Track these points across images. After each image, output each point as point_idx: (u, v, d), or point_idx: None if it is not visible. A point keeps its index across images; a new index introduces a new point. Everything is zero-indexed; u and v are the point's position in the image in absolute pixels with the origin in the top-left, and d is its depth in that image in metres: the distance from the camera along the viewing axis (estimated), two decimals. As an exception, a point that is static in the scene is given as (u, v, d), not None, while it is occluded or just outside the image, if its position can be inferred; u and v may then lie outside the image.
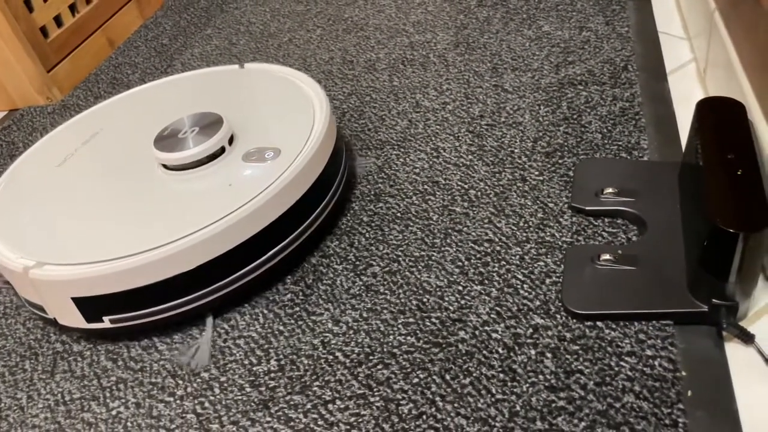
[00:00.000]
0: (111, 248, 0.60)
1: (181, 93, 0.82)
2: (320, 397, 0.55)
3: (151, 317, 0.61)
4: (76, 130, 0.79)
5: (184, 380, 0.59)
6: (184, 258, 0.59)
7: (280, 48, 1.09)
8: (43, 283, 0.60)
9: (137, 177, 0.69)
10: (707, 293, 0.53)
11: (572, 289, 0.58)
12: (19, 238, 0.64)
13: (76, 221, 0.65)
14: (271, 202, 0.61)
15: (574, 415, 0.49)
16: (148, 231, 0.61)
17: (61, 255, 0.61)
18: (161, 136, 0.69)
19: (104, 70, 1.14)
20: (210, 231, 0.59)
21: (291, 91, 0.77)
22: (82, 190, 0.69)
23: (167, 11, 1.30)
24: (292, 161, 0.64)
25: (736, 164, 0.54)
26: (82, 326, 0.62)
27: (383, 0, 1.16)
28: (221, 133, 0.67)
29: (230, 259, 0.61)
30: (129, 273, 0.58)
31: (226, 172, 0.66)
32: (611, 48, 0.89)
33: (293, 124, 0.70)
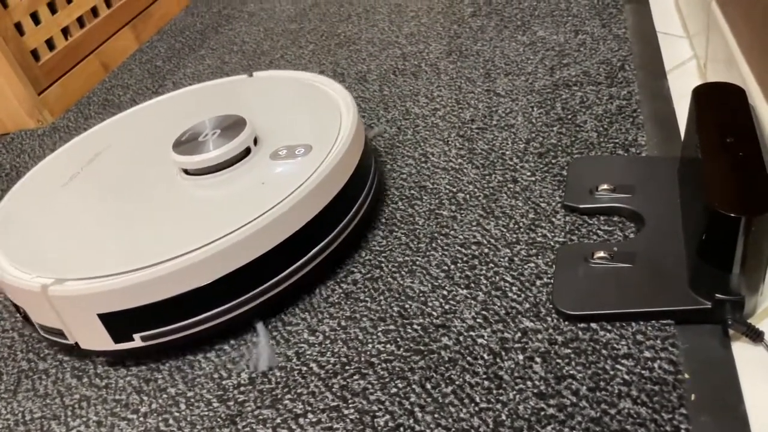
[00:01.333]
0: (138, 257, 0.54)
1: (191, 104, 0.78)
2: (291, 411, 0.51)
3: (186, 331, 0.56)
4: (83, 147, 0.76)
5: (150, 396, 0.55)
6: (224, 260, 0.54)
7: (271, 64, 1.07)
8: (65, 300, 0.54)
9: (155, 185, 0.64)
10: (710, 288, 0.48)
11: (564, 289, 0.53)
12: (31, 257, 0.59)
13: (94, 235, 0.60)
14: (312, 195, 0.57)
15: (565, 423, 0.45)
16: (177, 236, 0.56)
17: (82, 269, 0.55)
18: (180, 141, 0.65)
19: (96, 93, 1.13)
20: (251, 228, 0.54)
21: (309, 91, 0.73)
22: (98, 204, 0.64)
23: (163, 35, 1.29)
24: (327, 153, 0.60)
25: (736, 148, 0.50)
26: (109, 348, 0.56)
27: (377, 15, 1.14)
28: (245, 132, 0.63)
29: (274, 258, 0.56)
30: (162, 281, 0.53)
31: (256, 172, 0.61)
32: (607, 49, 0.86)
33: (319, 121, 0.66)
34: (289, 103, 0.72)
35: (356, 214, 0.62)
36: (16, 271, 0.58)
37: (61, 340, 0.58)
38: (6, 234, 0.64)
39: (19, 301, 0.59)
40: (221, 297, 0.55)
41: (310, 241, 0.58)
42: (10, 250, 0.61)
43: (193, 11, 1.37)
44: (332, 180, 0.59)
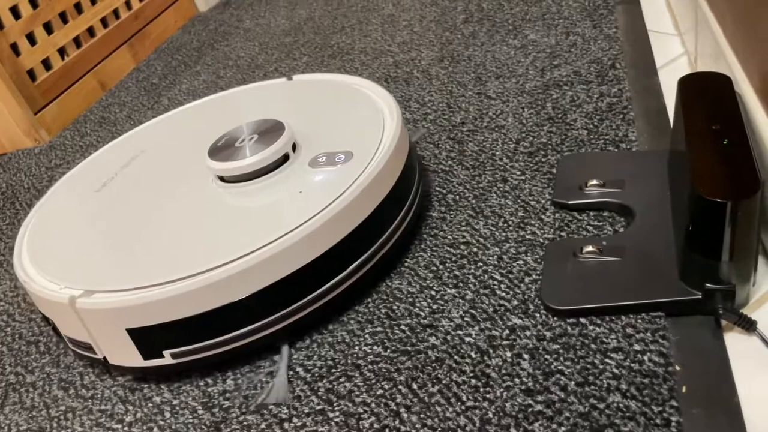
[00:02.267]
0: (170, 269, 0.51)
1: (228, 109, 0.76)
2: (276, 416, 0.50)
3: (219, 348, 0.52)
4: (119, 151, 0.73)
5: (135, 405, 0.54)
6: (261, 273, 0.50)
7: (265, 77, 1.07)
8: (93, 313, 0.51)
9: (189, 193, 0.61)
10: (700, 278, 0.47)
11: (552, 285, 0.52)
12: (61, 266, 0.56)
13: (126, 244, 0.57)
14: (353, 205, 0.53)
15: (553, 419, 0.43)
16: (212, 248, 0.52)
17: (112, 281, 0.52)
18: (216, 147, 0.62)
19: (93, 111, 1.13)
20: (291, 239, 0.50)
21: (351, 95, 0.70)
22: (130, 211, 0.61)
23: (160, 54, 1.30)
24: (368, 161, 0.57)
25: (722, 134, 0.49)
26: (138, 364, 0.53)
27: (369, 26, 1.15)
28: (284, 138, 0.60)
29: (315, 270, 0.53)
30: (195, 295, 0.50)
31: (293, 179, 0.58)
32: (598, 48, 0.86)
33: (361, 126, 0.63)
34: (329, 107, 0.69)
35: (399, 226, 0.58)
36: (46, 282, 0.55)
37: (89, 354, 0.55)
38: (37, 242, 0.61)
39: (48, 312, 0.56)
40: (256, 313, 0.52)
41: (348, 255, 0.54)
42: (40, 260, 0.58)
43: (189, 29, 1.39)
44: (374, 190, 0.55)
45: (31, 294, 0.56)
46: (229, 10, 1.44)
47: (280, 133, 0.60)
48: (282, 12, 1.34)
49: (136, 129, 0.78)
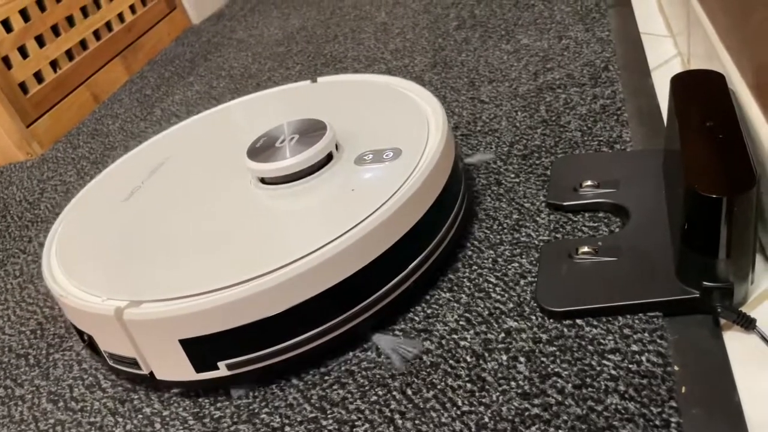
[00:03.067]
0: (221, 275, 0.48)
1: (253, 113, 0.74)
2: (268, 425, 0.49)
3: (277, 357, 0.49)
4: (141, 160, 0.71)
5: (124, 417, 0.53)
6: (326, 274, 0.48)
7: (258, 86, 1.07)
8: (142, 325, 0.49)
9: (229, 197, 0.59)
10: (697, 276, 0.46)
11: (548, 287, 0.51)
12: (100, 277, 0.53)
13: (167, 252, 0.54)
14: (413, 200, 0.51)
15: (550, 422, 0.42)
16: (266, 251, 0.50)
17: (160, 290, 0.49)
18: (255, 148, 0.59)
19: (86, 123, 1.13)
20: (355, 235, 0.48)
21: (384, 93, 0.68)
22: (166, 218, 0.59)
23: (153, 65, 1.30)
24: (420, 155, 0.55)
25: (716, 131, 0.48)
26: (188, 378, 0.50)
27: (363, 34, 1.15)
28: (328, 136, 0.57)
29: (378, 270, 0.50)
30: (255, 300, 0.47)
31: (341, 178, 0.56)
32: (591, 51, 0.85)
33: (402, 123, 0.61)
34: (364, 106, 0.67)
35: (455, 221, 0.56)
36: (84, 294, 0.52)
37: (133, 370, 0.52)
38: (68, 253, 0.58)
39: (85, 326, 0.53)
40: (315, 318, 0.49)
41: (411, 251, 0.52)
42: (74, 271, 0.55)
43: (183, 41, 1.38)
44: (432, 183, 0.53)
45: (68, 308, 0.53)
46: (223, 21, 1.44)
47: (322, 131, 0.58)
48: (275, 22, 1.34)
49: (156, 137, 0.75)
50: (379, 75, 0.73)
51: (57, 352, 0.63)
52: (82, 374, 0.59)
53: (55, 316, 0.68)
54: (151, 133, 1.02)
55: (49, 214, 0.88)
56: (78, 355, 0.62)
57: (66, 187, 0.93)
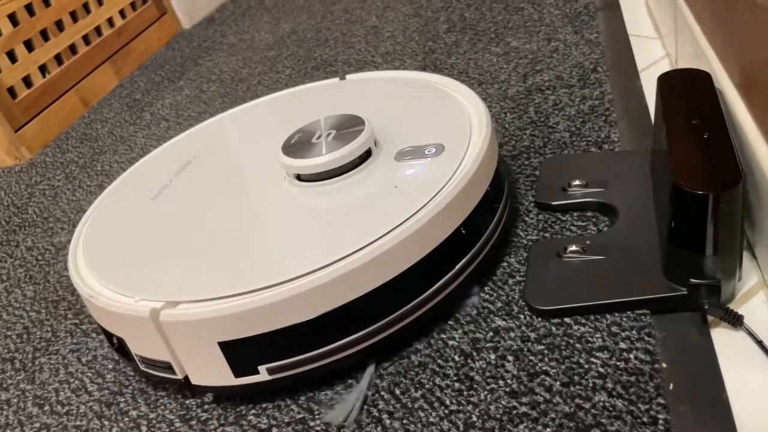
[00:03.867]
0: (263, 275, 0.46)
1: (281, 111, 0.72)
2: (255, 426, 0.48)
3: (321, 361, 0.47)
4: (167, 158, 0.69)
5: (111, 420, 0.53)
6: (371, 273, 0.45)
7: (248, 90, 1.07)
8: (179, 326, 0.46)
9: (264, 194, 0.57)
10: (684, 273, 0.46)
11: (536, 285, 0.51)
12: (131, 277, 0.51)
13: (202, 252, 0.52)
14: (462, 195, 0.49)
15: (538, 420, 0.42)
16: (307, 250, 0.48)
17: (197, 290, 0.47)
18: (290, 144, 0.57)
19: (75, 128, 1.12)
20: (405, 232, 0.46)
21: (422, 90, 0.66)
22: (198, 217, 0.57)
23: (143, 70, 1.30)
24: (465, 150, 0.53)
25: (702, 129, 0.48)
26: (226, 383, 0.48)
27: (353, 37, 1.15)
28: (366, 132, 0.55)
29: (429, 267, 0.48)
30: (300, 300, 0.45)
31: (381, 175, 0.54)
32: (580, 53, 0.85)
33: (442, 119, 0.59)
34: (398, 102, 0.65)
35: (501, 217, 0.55)
36: (115, 294, 0.50)
37: (166, 374, 0.50)
38: (95, 253, 0.56)
39: (115, 329, 0.51)
40: (362, 320, 0.47)
41: (461, 247, 0.50)
42: (104, 271, 0.53)
43: (173, 46, 1.38)
44: (480, 178, 0.52)
45: (97, 310, 0.51)
46: (213, 26, 1.44)
47: (360, 127, 0.56)
48: (266, 27, 1.34)
49: (180, 136, 0.74)
50: (410, 71, 0.71)
51: (43, 356, 0.62)
52: (68, 378, 0.59)
53: (41, 320, 0.67)
54: (141, 138, 1.01)
55: (36, 219, 0.87)
56: (64, 359, 0.61)
57: (54, 191, 0.93)
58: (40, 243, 0.81)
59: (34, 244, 0.81)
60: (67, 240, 0.80)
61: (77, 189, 0.92)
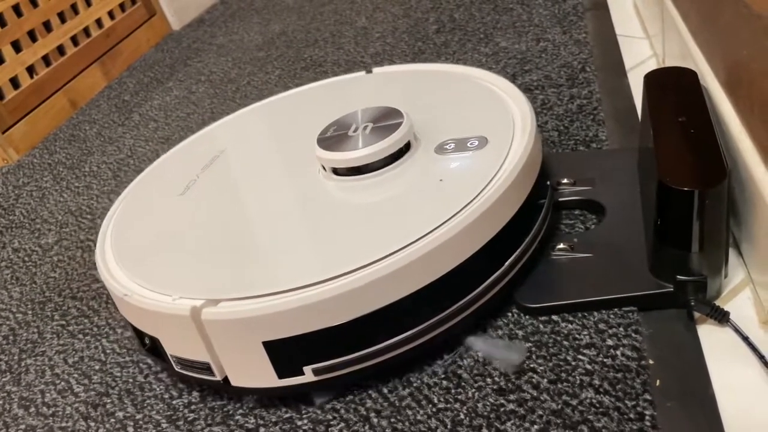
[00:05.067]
0: (308, 272, 0.44)
1: (308, 104, 0.70)
2: (242, 426, 0.48)
3: (368, 361, 0.45)
4: (191, 153, 0.67)
5: (97, 422, 0.52)
6: (428, 266, 0.44)
7: (237, 91, 1.07)
8: (222, 325, 0.44)
9: (299, 189, 0.55)
10: (671, 270, 0.46)
11: (524, 283, 0.51)
12: (166, 274, 0.50)
13: (240, 248, 0.50)
14: (513, 187, 0.47)
15: (525, 418, 0.42)
16: (352, 246, 0.46)
17: (240, 287, 0.45)
18: (325, 137, 0.55)
19: (63, 129, 1.12)
20: (458, 226, 0.44)
21: (455, 82, 0.64)
22: (232, 212, 0.55)
23: (132, 71, 1.29)
24: (509, 144, 0.51)
25: (688, 125, 0.48)
26: (269, 384, 0.46)
27: (342, 38, 1.15)
28: (406, 124, 0.53)
29: (481, 262, 0.46)
30: (348, 298, 0.43)
31: (422, 168, 0.52)
32: (568, 53, 0.86)
33: (481, 111, 0.57)
34: (432, 95, 0.63)
35: (548, 210, 0.53)
36: (151, 293, 0.48)
37: (204, 376, 0.48)
38: (126, 251, 0.54)
39: (150, 328, 0.49)
40: (411, 318, 0.45)
41: (512, 241, 0.49)
42: (137, 269, 0.51)
43: (162, 47, 1.38)
44: (529, 170, 0.50)
45: (131, 309, 0.49)
46: (203, 27, 1.43)
47: (398, 120, 0.54)
48: (255, 28, 1.33)
49: (201, 132, 0.72)
50: (438, 63, 0.69)
51: (29, 357, 0.62)
52: (54, 379, 0.58)
53: (28, 322, 0.67)
54: (129, 139, 1.01)
55: (24, 220, 0.86)
56: (50, 360, 0.61)
57: (42, 192, 0.92)
58: (26, 244, 0.81)
59: (21, 245, 0.81)
60: (54, 241, 0.80)
61: (65, 190, 0.91)
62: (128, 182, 0.88)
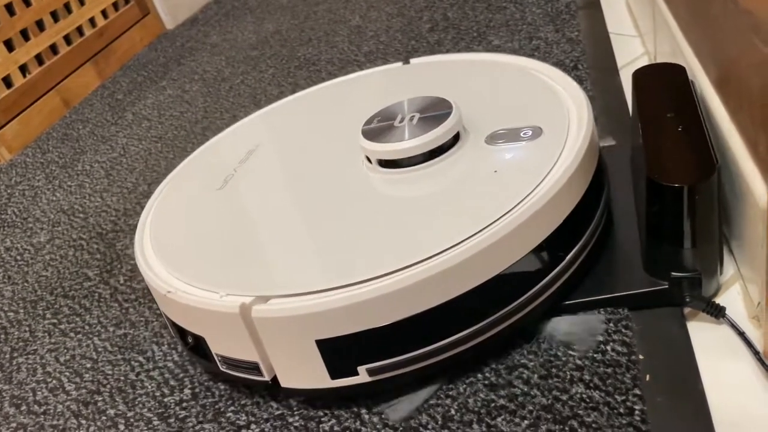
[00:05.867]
0: (362, 267, 0.43)
1: (346, 95, 0.68)
2: (234, 423, 0.48)
3: (426, 361, 0.44)
4: (227, 147, 0.66)
5: (88, 420, 0.52)
6: (485, 263, 0.42)
7: (231, 90, 1.06)
8: (275, 323, 0.43)
9: (345, 182, 0.53)
10: (665, 267, 0.46)
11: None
12: (212, 270, 0.48)
13: (286, 243, 0.48)
14: (575, 177, 0.46)
15: (516, 413, 0.42)
16: (407, 240, 0.44)
17: (291, 284, 0.44)
18: (370, 129, 0.53)
19: (56, 128, 1.12)
20: (516, 219, 0.42)
21: (500, 71, 0.62)
22: (275, 208, 0.53)
23: (126, 70, 1.29)
24: (565, 134, 0.49)
25: (676, 121, 0.49)
26: (321, 385, 0.45)
27: (336, 37, 1.15)
28: (455, 114, 0.51)
29: (543, 255, 0.45)
30: (406, 294, 0.41)
31: (473, 159, 0.50)
32: (561, 51, 0.86)
33: (532, 100, 0.55)
34: (476, 84, 0.61)
35: (607, 202, 0.52)
36: (196, 290, 0.46)
37: (251, 376, 0.46)
38: (167, 247, 0.53)
39: (195, 326, 0.47)
40: (474, 315, 0.43)
41: (574, 234, 0.47)
42: (180, 265, 0.50)
43: (156, 46, 1.38)
44: (589, 159, 0.48)
45: (175, 306, 0.48)
46: (197, 26, 1.43)
47: (447, 109, 0.52)
48: (249, 27, 1.33)
49: (235, 126, 0.70)
50: (481, 53, 0.67)
51: (21, 356, 0.62)
52: (45, 377, 0.58)
53: (20, 320, 0.67)
54: (123, 137, 1.01)
55: (16, 219, 0.86)
56: (42, 358, 0.61)
57: (34, 191, 0.92)
58: (19, 243, 0.81)
59: (13, 244, 0.81)
60: (46, 240, 0.80)
61: (57, 189, 0.91)
62: (121, 181, 0.88)
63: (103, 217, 0.81)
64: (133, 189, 0.85)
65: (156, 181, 0.86)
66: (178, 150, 0.92)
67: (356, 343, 0.43)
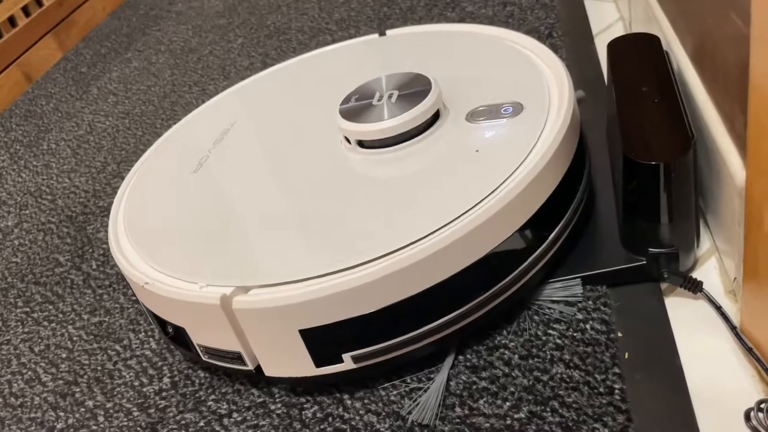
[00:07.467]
0: (345, 255, 0.42)
1: (320, 70, 0.65)
2: (215, 412, 0.48)
3: (411, 345, 0.43)
4: (200, 128, 0.63)
5: (66, 411, 0.51)
6: (471, 244, 0.41)
7: (199, 61, 1.03)
8: (256, 314, 0.42)
9: (324, 165, 0.51)
10: (642, 243, 0.46)
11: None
12: (191, 260, 0.46)
13: (265, 230, 0.47)
14: (558, 155, 0.45)
15: (498, 395, 0.42)
16: (390, 225, 0.43)
17: (270, 273, 0.43)
18: (348, 108, 0.51)
19: (18, 105, 1.08)
20: (503, 199, 0.41)
21: (480, 44, 0.60)
22: (252, 193, 0.51)
23: (88, 42, 1.25)
24: (546, 110, 0.48)
25: (651, 95, 0.48)
26: (305, 374, 0.44)
27: (306, 4, 1.12)
28: (435, 91, 0.50)
29: (528, 235, 0.44)
30: (390, 280, 0.40)
31: (456, 138, 0.49)
32: (535, 18, 0.85)
33: (513, 75, 0.53)
34: (455, 58, 0.59)
35: (589, 178, 0.51)
36: (175, 281, 0.45)
37: (235, 366, 0.46)
38: (142, 236, 0.51)
39: (176, 317, 0.46)
40: (458, 300, 0.43)
41: (557, 212, 0.46)
42: (156, 255, 0.48)
43: (119, 15, 1.33)
44: (571, 135, 0.47)
45: (154, 298, 0.46)
46: (161, -7, 1.38)
47: (426, 86, 0.50)
48: (215, -7, 1.29)
49: (207, 104, 0.67)
50: (455, 23, 0.64)
51: (-7, 347, 0.60)
52: (21, 369, 0.57)
53: (-10, 310, 0.65)
54: (89, 113, 0.98)
55: (-19, 202, 0.84)
56: (16, 348, 0.59)
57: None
58: (-15, 228, 0.78)
59: (-20, 229, 0.78)
60: (14, 224, 0.77)
61: (23, 170, 0.88)
62: (89, 160, 0.86)
63: (72, 199, 0.79)
64: (102, 169, 0.83)
65: (125, 160, 0.83)
66: (147, 126, 0.90)
67: (340, 331, 0.42)
